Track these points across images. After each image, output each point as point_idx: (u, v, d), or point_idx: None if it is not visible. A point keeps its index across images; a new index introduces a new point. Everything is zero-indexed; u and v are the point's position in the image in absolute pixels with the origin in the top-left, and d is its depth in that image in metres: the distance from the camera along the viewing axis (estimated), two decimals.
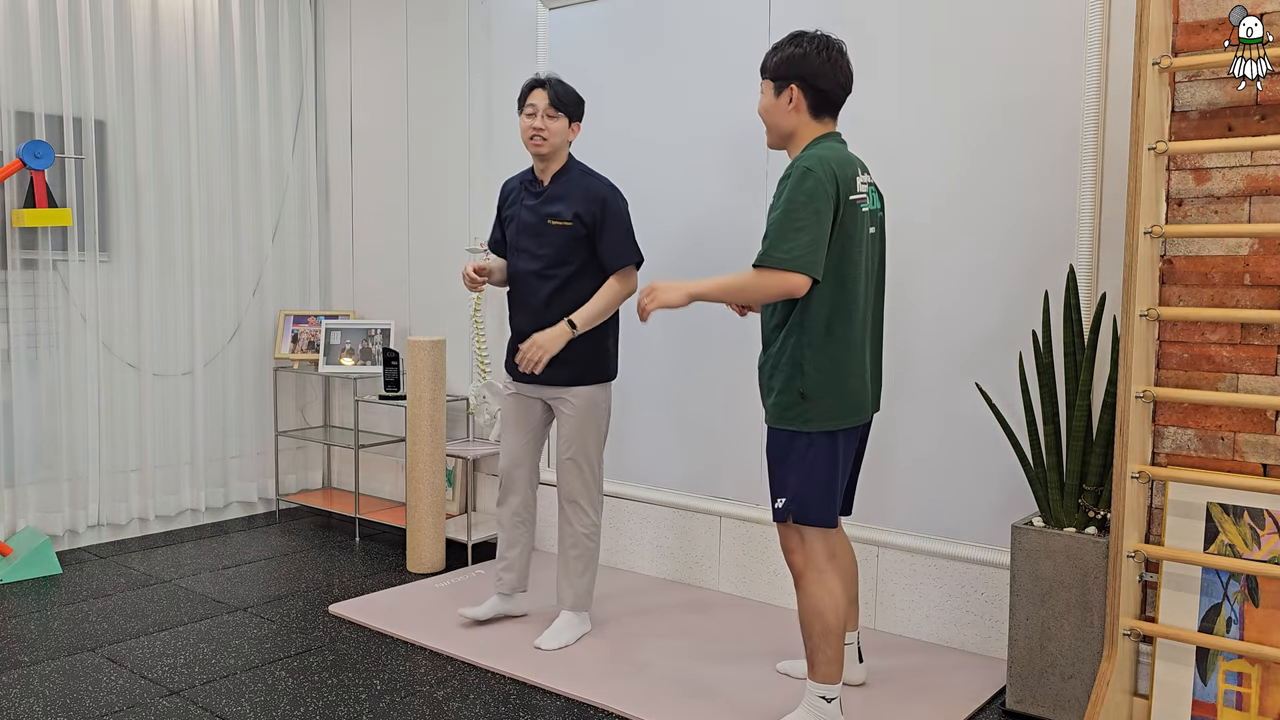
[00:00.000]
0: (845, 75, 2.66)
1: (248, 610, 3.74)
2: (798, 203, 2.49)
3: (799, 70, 2.62)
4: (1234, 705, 2.66)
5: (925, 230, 3.38)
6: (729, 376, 3.86)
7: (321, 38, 5.30)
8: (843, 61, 2.66)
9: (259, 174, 5.07)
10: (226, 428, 5.01)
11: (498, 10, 4.51)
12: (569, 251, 3.26)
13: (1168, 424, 2.80)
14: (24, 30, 4.27)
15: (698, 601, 3.81)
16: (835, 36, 2.68)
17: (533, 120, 3.26)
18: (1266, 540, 2.62)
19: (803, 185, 2.50)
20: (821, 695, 2.67)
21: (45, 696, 2.99)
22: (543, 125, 3.25)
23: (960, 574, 3.36)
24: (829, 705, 2.67)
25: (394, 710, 2.92)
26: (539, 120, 3.25)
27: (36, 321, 4.37)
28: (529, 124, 3.27)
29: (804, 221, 2.48)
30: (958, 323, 3.34)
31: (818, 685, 2.67)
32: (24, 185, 4.23)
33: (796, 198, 2.49)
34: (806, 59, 2.61)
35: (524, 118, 3.29)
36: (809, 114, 2.65)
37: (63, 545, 4.49)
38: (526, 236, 3.32)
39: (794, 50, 2.63)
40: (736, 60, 3.77)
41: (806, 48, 2.62)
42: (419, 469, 4.20)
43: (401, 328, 4.99)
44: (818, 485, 2.60)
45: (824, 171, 2.51)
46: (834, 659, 2.64)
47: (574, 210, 3.25)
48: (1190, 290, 2.75)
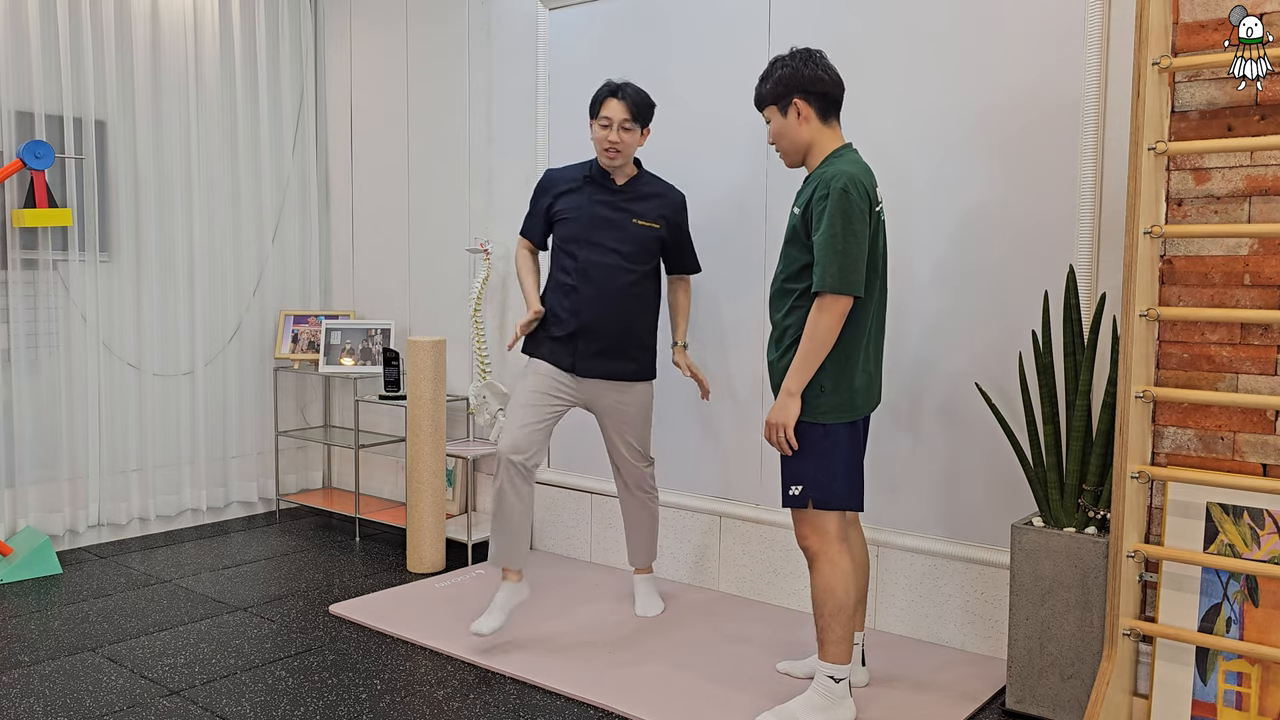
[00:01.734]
0: (835, 74, 2.80)
1: (248, 610, 3.74)
2: (843, 227, 2.61)
3: (796, 84, 2.76)
4: (1234, 705, 2.66)
5: (925, 230, 3.38)
6: (728, 376, 3.87)
7: (321, 38, 5.30)
8: (826, 63, 2.80)
9: (259, 174, 5.08)
10: (227, 427, 5.01)
11: (498, 10, 4.51)
12: (651, 251, 3.42)
13: (1167, 424, 2.80)
14: (24, 30, 4.27)
15: (698, 601, 3.81)
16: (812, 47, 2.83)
17: (608, 133, 3.30)
18: (1266, 540, 2.62)
19: (845, 208, 2.62)
20: (830, 675, 2.76)
21: (45, 696, 2.99)
22: (619, 139, 3.30)
23: (960, 574, 3.36)
24: (837, 685, 2.76)
25: (394, 710, 2.92)
26: (615, 133, 3.30)
27: (36, 321, 4.38)
28: (604, 136, 3.30)
29: (850, 245, 2.61)
30: (957, 323, 3.34)
31: (827, 665, 2.76)
32: (24, 185, 4.23)
33: (842, 221, 2.62)
34: (797, 73, 2.76)
35: (598, 127, 3.32)
36: (819, 120, 2.78)
37: (63, 545, 4.50)
38: (603, 230, 3.37)
39: (782, 71, 2.78)
40: (737, 60, 3.78)
41: (793, 64, 2.77)
42: (419, 469, 4.20)
43: (401, 328, 4.99)
44: (840, 472, 2.74)
45: (858, 191, 2.64)
46: (844, 638, 2.74)
47: (660, 214, 3.44)
48: (1190, 290, 2.75)
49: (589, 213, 3.39)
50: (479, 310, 4.48)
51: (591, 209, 3.39)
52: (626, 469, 3.57)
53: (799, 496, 2.74)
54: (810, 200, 2.69)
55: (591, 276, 3.35)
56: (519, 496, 3.34)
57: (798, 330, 2.72)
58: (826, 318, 2.63)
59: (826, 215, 2.62)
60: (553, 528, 4.43)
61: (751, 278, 3.78)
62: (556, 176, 3.49)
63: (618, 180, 3.43)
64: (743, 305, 3.81)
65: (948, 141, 3.32)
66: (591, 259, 3.36)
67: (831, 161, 2.73)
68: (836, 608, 2.72)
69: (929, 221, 3.37)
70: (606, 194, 3.41)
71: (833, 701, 2.76)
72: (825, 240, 2.61)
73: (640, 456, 3.56)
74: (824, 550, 2.75)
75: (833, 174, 2.66)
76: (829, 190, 2.63)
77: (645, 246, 3.40)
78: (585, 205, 3.39)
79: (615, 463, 3.59)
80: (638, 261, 3.39)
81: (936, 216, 3.36)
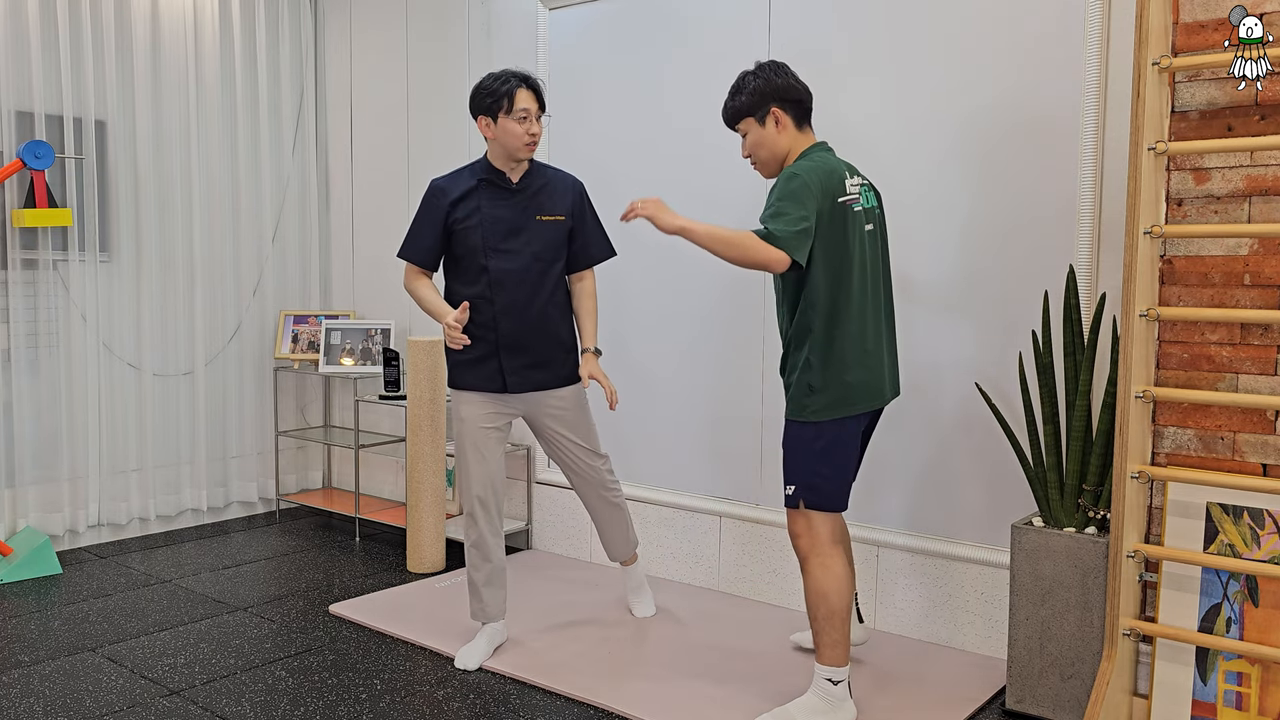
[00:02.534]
0: (803, 83, 2.86)
1: (248, 610, 3.74)
2: (787, 197, 2.64)
3: (771, 94, 2.80)
4: (1234, 705, 2.66)
5: (925, 230, 3.38)
6: (728, 376, 3.87)
7: (321, 38, 5.30)
8: (793, 73, 2.86)
9: (259, 174, 5.08)
10: (227, 428, 5.01)
11: (498, 10, 4.52)
12: (560, 246, 3.25)
13: (1167, 424, 2.80)
14: (24, 30, 4.27)
15: (697, 601, 3.81)
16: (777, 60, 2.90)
17: (527, 125, 3.11)
18: (1266, 540, 2.62)
19: (790, 185, 2.66)
20: (828, 678, 2.77)
21: (45, 696, 2.99)
22: (538, 130, 3.15)
23: (960, 574, 3.36)
24: (835, 687, 2.77)
25: (394, 710, 2.92)
26: (534, 125, 3.13)
27: (36, 321, 4.38)
28: (525, 129, 3.11)
29: (793, 212, 2.62)
30: (957, 322, 3.34)
31: (824, 668, 2.77)
32: (24, 185, 4.23)
33: (786, 193, 2.65)
34: (770, 82, 2.81)
35: (514, 122, 3.10)
36: (794, 128, 2.83)
37: (63, 545, 4.50)
38: (510, 234, 3.18)
39: (756, 82, 2.82)
40: (737, 61, 3.77)
41: (765, 75, 2.82)
42: (419, 469, 4.20)
43: (401, 328, 4.99)
44: (826, 472, 2.75)
45: (809, 177, 2.67)
46: (839, 641, 2.74)
47: (561, 204, 3.25)
48: (1190, 290, 2.75)
49: (491, 217, 3.18)
50: None
51: (494, 213, 3.18)
52: (582, 470, 3.40)
53: (792, 496, 2.77)
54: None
55: (506, 285, 3.16)
56: (497, 537, 3.28)
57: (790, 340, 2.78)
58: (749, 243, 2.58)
59: (776, 192, 2.67)
60: (552, 528, 4.43)
61: (750, 280, 3.78)
62: (446, 185, 3.23)
63: (514, 178, 3.21)
64: (741, 306, 3.81)
65: (947, 141, 3.32)
66: (503, 266, 3.16)
67: (797, 161, 2.79)
68: (829, 612, 2.73)
69: (929, 222, 3.37)
70: (505, 195, 3.20)
71: (832, 705, 2.76)
72: (772, 205, 2.65)
73: (591, 454, 3.40)
74: (815, 551, 2.76)
75: (791, 167, 2.74)
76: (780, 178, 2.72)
77: (553, 242, 3.22)
78: (486, 210, 3.18)
79: (568, 467, 3.41)
80: (550, 261, 3.21)
81: (936, 217, 3.36)
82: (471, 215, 3.18)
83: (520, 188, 3.22)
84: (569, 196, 3.27)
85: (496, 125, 3.12)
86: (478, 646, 3.27)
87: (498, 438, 3.27)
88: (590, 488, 3.46)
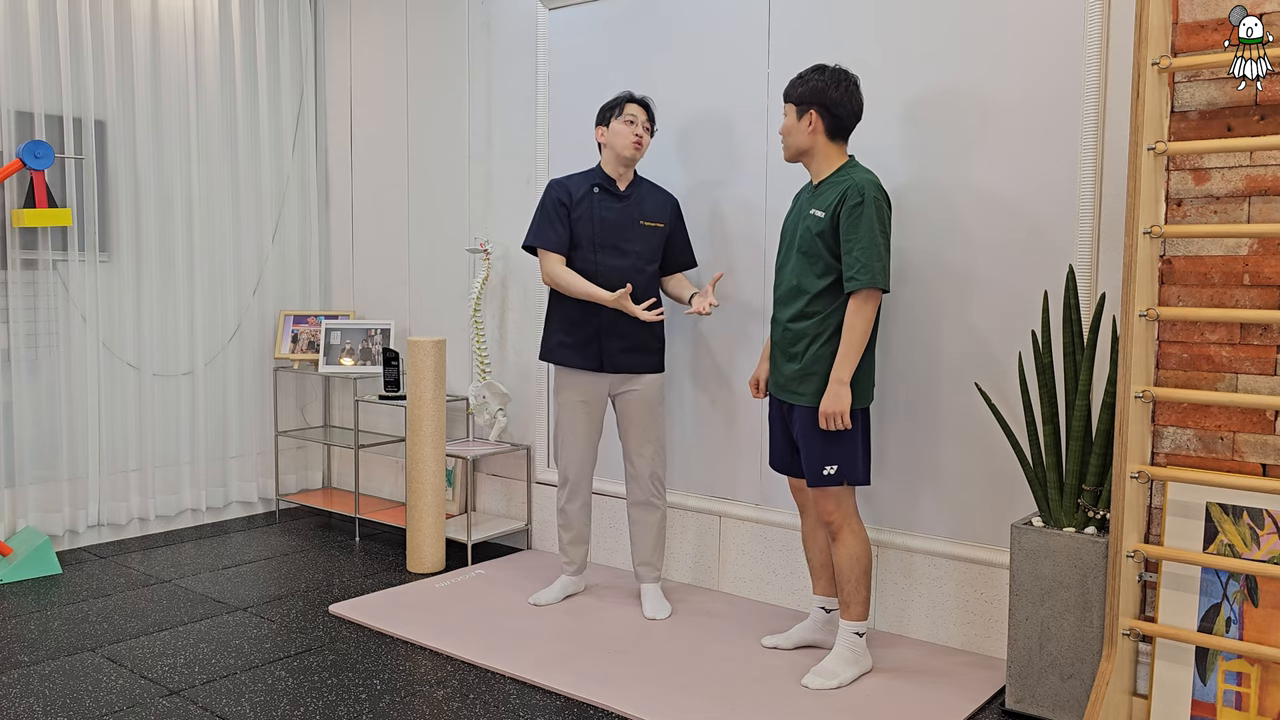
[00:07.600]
0: (858, 105, 3.07)
1: (248, 610, 3.74)
2: (880, 229, 2.94)
3: (820, 98, 3.03)
4: (1233, 705, 2.66)
5: (924, 230, 3.38)
6: (730, 376, 3.87)
7: (321, 38, 5.30)
8: (857, 94, 3.07)
9: (259, 174, 5.08)
10: (226, 428, 5.01)
11: (498, 10, 4.52)
12: (657, 250, 3.67)
13: (1167, 424, 2.80)
14: (24, 30, 4.27)
15: (698, 601, 3.81)
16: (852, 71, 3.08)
17: (634, 127, 3.57)
18: (1266, 540, 2.62)
19: (880, 212, 2.95)
20: (856, 631, 3.12)
21: (45, 696, 2.99)
22: (642, 134, 3.58)
23: (960, 574, 3.37)
24: (860, 639, 3.13)
25: (394, 710, 2.92)
26: (639, 128, 3.58)
27: (36, 321, 4.38)
28: (631, 130, 3.56)
29: (883, 246, 2.95)
30: (957, 323, 3.34)
31: (852, 624, 3.11)
32: (24, 185, 4.23)
33: (879, 224, 2.94)
34: (824, 90, 3.02)
35: (623, 124, 3.56)
36: (825, 136, 3.06)
37: (63, 545, 4.50)
38: (617, 234, 3.60)
39: (817, 81, 3.03)
40: (737, 60, 3.78)
41: (824, 80, 3.03)
42: (419, 469, 4.20)
43: (401, 328, 4.99)
44: (861, 452, 3.09)
45: (884, 197, 3.00)
46: (867, 598, 3.12)
47: (663, 213, 3.68)
48: (1189, 290, 2.75)
49: (602, 218, 3.60)
50: (479, 310, 4.48)
51: (604, 214, 3.61)
52: (632, 454, 3.69)
53: (834, 476, 3.04)
54: (838, 204, 2.96)
55: (610, 279, 3.56)
56: (583, 508, 3.77)
57: (812, 336, 3.02)
58: (869, 310, 2.95)
59: (864, 218, 2.92)
60: (552, 528, 4.43)
61: (753, 277, 3.78)
62: (565, 183, 3.67)
63: (621, 186, 3.65)
64: (744, 304, 3.81)
65: (947, 141, 3.32)
66: (608, 262, 3.59)
67: (849, 171, 3.02)
68: (864, 571, 3.08)
69: (929, 222, 3.37)
70: (614, 200, 3.63)
71: (857, 655, 3.12)
72: (866, 241, 2.92)
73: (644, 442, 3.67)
74: (847, 522, 3.09)
75: (861, 182, 2.96)
76: (863, 197, 2.93)
77: (653, 246, 3.65)
78: (597, 211, 3.61)
79: (625, 454, 3.71)
80: (648, 261, 3.63)
81: (936, 217, 3.36)
82: (584, 214, 3.62)
83: (627, 194, 3.65)
84: (668, 209, 3.71)
85: (609, 130, 3.60)
86: (551, 590, 3.80)
87: (589, 414, 3.69)
88: (635, 480, 3.73)
